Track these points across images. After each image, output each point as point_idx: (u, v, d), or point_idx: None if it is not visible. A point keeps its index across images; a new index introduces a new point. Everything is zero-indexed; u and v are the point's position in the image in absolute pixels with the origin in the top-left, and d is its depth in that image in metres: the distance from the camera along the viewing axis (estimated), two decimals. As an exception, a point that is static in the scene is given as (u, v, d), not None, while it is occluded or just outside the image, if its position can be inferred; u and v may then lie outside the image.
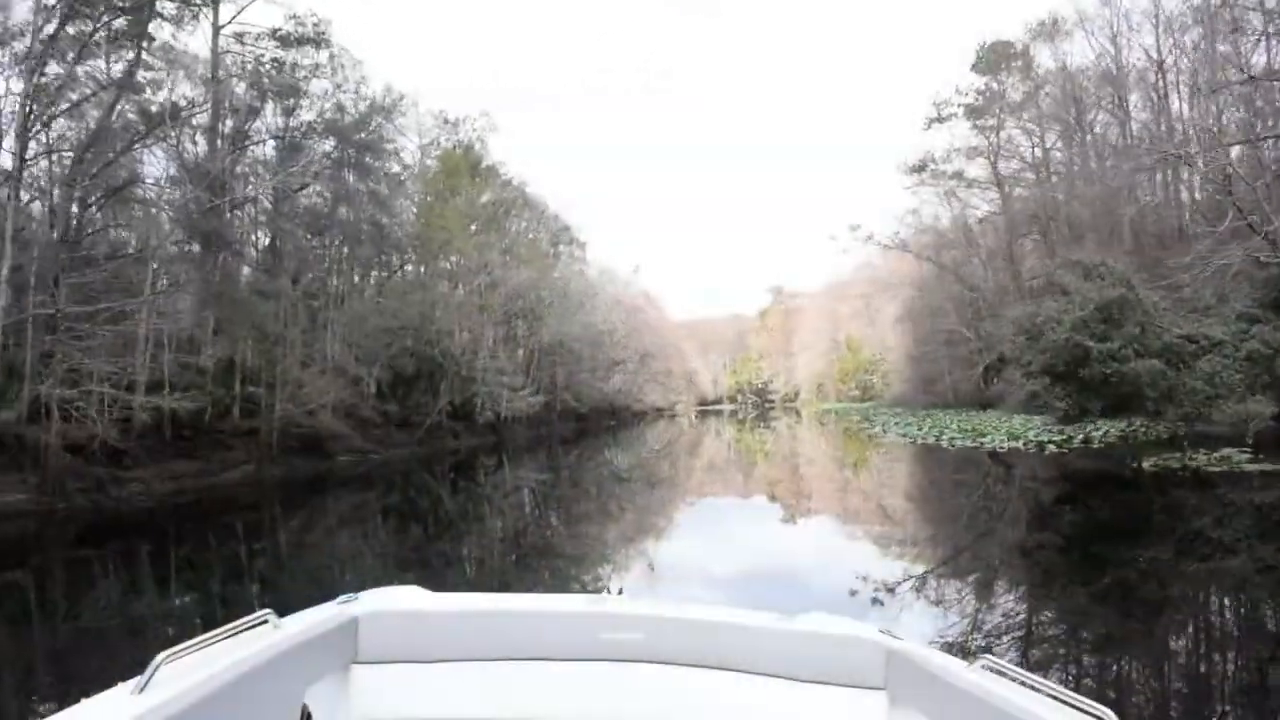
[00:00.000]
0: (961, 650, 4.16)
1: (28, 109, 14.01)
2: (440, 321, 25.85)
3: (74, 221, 15.23)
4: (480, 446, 27.72)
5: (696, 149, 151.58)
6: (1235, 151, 18.23)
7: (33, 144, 15.15)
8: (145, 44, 15.83)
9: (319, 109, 21.78)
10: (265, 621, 1.85)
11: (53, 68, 14.89)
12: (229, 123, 20.88)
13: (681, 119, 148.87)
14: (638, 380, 59.24)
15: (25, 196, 15.03)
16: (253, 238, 22.37)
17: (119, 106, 16.42)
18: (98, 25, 15.38)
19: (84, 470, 12.54)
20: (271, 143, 21.88)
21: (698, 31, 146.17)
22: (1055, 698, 1.52)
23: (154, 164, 19.35)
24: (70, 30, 14.97)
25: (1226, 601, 6.47)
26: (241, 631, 1.76)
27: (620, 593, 2.79)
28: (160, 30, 17.40)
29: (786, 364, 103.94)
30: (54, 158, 15.79)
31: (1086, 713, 1.44)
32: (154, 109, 17.78)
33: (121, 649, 5.71)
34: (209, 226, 16.18)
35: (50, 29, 14.39)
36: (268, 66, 20.38)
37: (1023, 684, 1.62)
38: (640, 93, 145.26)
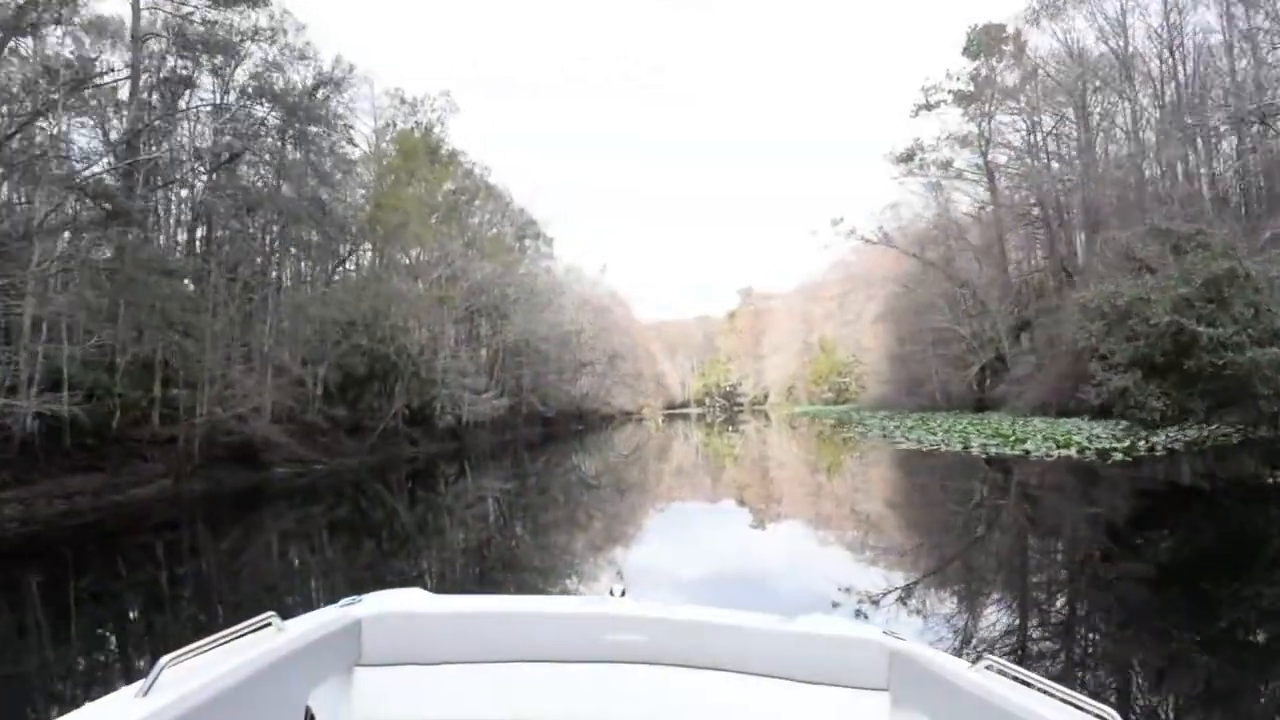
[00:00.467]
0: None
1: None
2: (395, 316, 23.85)
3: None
4: (440, 453, 26.39)
5: (672, 144, 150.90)
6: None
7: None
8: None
9: (254, 70, 19.65)
10: (269, 624, 1.87)
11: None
12: (154, 96, 18.87)
13: (661, 113, 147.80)
14: (605, 383, 57.73)
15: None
16: (183, 217, 20.18)
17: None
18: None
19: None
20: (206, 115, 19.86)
21: (688, 26, 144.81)
22: (1058, 698, 1.53)
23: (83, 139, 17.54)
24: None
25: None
26: (245, 634, 1.78)
27: (623, 594, 2.61)
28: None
29: (755, 366, 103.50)
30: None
31: (1090, 713, 1.46)
32: (63, 70, 15.72)
33: None
34: (104, 191, 14.00)
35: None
36: (197, 24, 18.31)
37: (1026, 684, 1.62)
38: (620, 80, 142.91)
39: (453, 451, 27.91)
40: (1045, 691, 1.55)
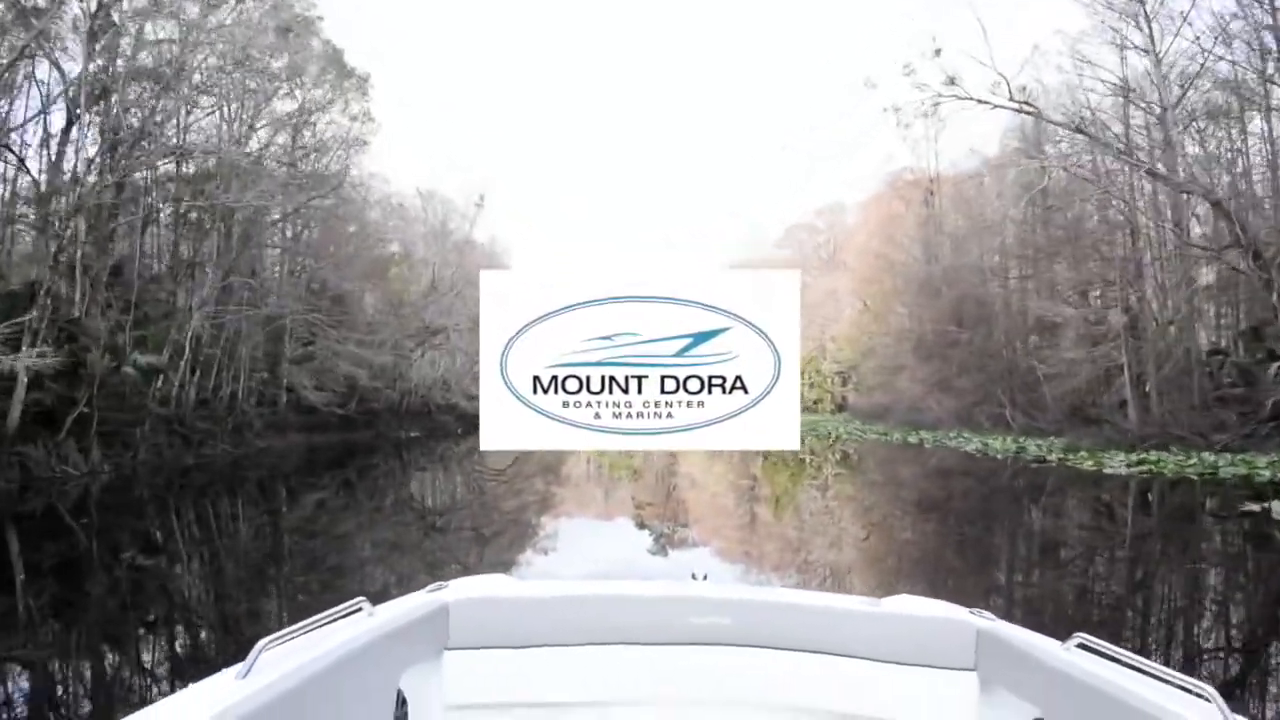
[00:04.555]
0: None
1: None
2: None
3: None
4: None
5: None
6: None
7: None
8: None
9: None
10: (359, 609, 1.99)
11: None
12: None
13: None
14: (468, 365, 39.98)
15: None
16: None
17: None
18: None
19: None
20: None
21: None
22: (1153, 675, 1.55)
23: None
24: None
25: None
26: (338, 619, 1.89)
27: (705, 578, 2.60)
28: None
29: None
30: None
31: (1187, 690, 1.47)
32: None
33: None
34: None
35: None
36: None
37: (1118, 661, 1.65)
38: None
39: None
40: (1140, 669, 1.57)
